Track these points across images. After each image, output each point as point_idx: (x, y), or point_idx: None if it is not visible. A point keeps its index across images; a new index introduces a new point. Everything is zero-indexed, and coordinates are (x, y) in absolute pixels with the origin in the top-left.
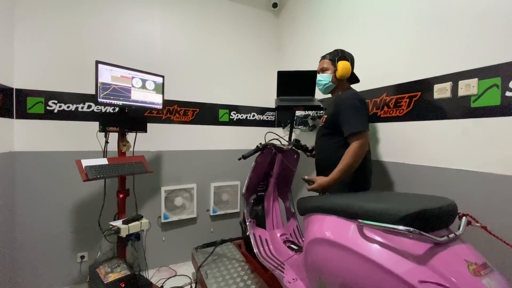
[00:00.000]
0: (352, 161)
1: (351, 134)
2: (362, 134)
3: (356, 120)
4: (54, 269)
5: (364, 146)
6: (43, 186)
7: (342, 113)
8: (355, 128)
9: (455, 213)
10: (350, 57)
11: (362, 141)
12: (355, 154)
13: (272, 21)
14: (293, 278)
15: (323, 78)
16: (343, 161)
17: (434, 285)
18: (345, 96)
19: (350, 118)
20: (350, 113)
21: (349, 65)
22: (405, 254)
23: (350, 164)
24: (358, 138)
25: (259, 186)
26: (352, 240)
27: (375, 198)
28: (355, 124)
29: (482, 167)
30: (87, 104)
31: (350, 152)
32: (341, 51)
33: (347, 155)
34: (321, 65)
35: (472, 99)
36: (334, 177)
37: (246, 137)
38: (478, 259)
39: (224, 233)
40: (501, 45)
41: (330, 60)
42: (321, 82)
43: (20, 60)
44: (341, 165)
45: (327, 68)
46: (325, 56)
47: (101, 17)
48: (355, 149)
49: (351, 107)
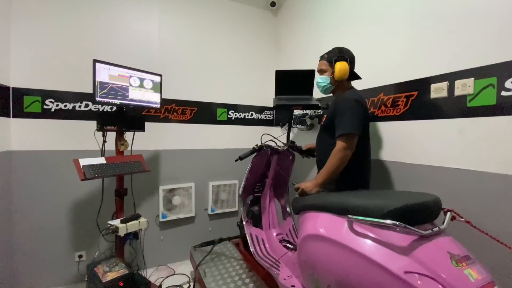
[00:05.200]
0: (334, 162)
1: (339, 135)
2: (348, 136)
3: (346, 122)
4: (52, 268)
5: (347, 149)
6: (40, 186)
7: (338, 114)
8: (343, 130)
9: (439, 208)
10: (349, 55)
11: (346, 143)
12: (338, 156)
13: (270, 20)
14: (288, 275)
15: (322, 80)
16: (327, 163)
17: (418, 276)
18: (343, 98)
19: (342, 119)
20: (343, 115)
21: (346, 66)
22: (392, 246)
23: (334, 166)
24: (343, 140)
25: (256, 187)
26: (343, 235)
27: (365, 195)
28: (344, 126)
29: (477, 166)
30: (84, 103)
31: (333, 154)
32: (339, 50)
33: (331, 157)
34: (320, 66)
35: (468, 99)
36: (318, 181)
37: (244, 136)
38: (461, 252)
39: (222, 232)
40: (497, 45)
41: (327, 61)
42: (320, 84)
43: (16, 59)
44: (325, 167)
45: (325, 70)
46: (323, 56)
47: (99, 15)
48: (337, 151)
49: (347, 109)
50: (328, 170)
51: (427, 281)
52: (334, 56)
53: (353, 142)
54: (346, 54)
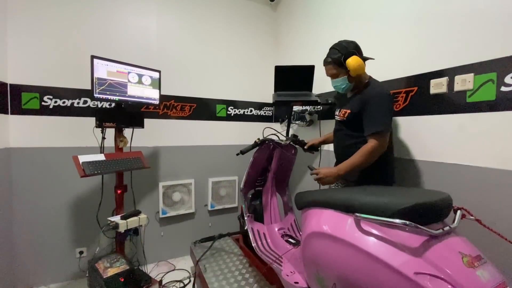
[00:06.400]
0: (364, 160)
1: (372, 133)
2: (381, 134)
3: (379, 120)
4: (53, 264)
5: (380, 148)
6: (40, 182)
7: (369, 110)
8: (376, 128)
9: (450, 206)
10: (353, 47)
11: (380, 142)
12: (369, 154)
13: (270, 14)
14: (291, 271)
15: (340, 83)
16: (354, 157)
17: (429, 277)
18: (374, 92)
19: (374, 116)
20: (375, 111)
21: (359, 59)
22: (401, 246)
23: (361, 162)
24: (377, 138)
25: (257, 181)
26: (349, 233)
27: (372, 193)
28: (377, 123)
29: (477, 162)
30: (83, 99)
31: (365, 151)
32: (340, 47)
33: (360, 152)
34: (329, 71)
35: (467, 94)
36: (340, 173)
37: (243, 132)
38: (472, 251)
39: (222, 228)
40: (497, 40)
41: (335, 64)
42: (339, 86)
43: (14, 55)
44: (351, 161)
45: (337, 73)
46: (327, 61)
47: (97, 11)
48: (371, 149)
49: (380, 105)
50: (354, 164)
51: (438, 283)
52: (340, 56)
53: (386, 140)
54: (349, 47)
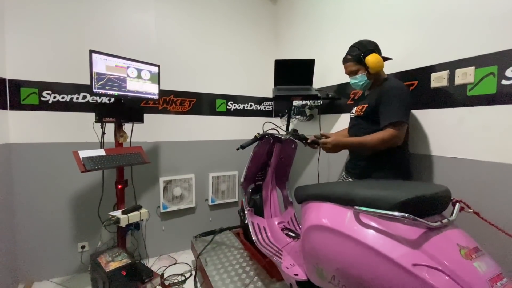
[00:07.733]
0: (373, 143)
1: (388, 124)
2: (397, 125)
3: (397, 110)
4: (55, 259)
5: (395, 138)
6: (41, 178)
7: (385, 102)
8: (391, 118)
9: (449, 199)
10: (373, 46)
11: (397, 132)
12: (380, 140)
13: (269, 8)
14: (290, 264)
15: (359, 79)
16: (366, 137)
17: (426, 268)
18: (390, 85)
19: (391, 107)
20: (392, 102)
21: (379, 57)
22: (400, 239)
23: (368, 143)
24: (393, 127)
25: (257, 176)
26: (349, 226)
27: (371, 186)
28: (394, 113)
29: (477, 155)
30: (82, 94)
31: (378, 136)
32: (360, 45)
33: (373, 135)
34: (348, 69)
35: (468, 88)
36: (349, 144)
37: (243, 127)
38: (470, 243)
39: (222, 222)
40: (498, 33)
41: (355, 61)
42: (358, 83)
43: (12, 50)
44: (363, 140)
45: (356, 70)
46: (347, 58)
47: (95, 5)
48: (384, 136)
49: (396, 96)
50: (362, 142)
51: (435, 274)
52: (360, 53)
53: (403, 131)
54: (370, 45)
